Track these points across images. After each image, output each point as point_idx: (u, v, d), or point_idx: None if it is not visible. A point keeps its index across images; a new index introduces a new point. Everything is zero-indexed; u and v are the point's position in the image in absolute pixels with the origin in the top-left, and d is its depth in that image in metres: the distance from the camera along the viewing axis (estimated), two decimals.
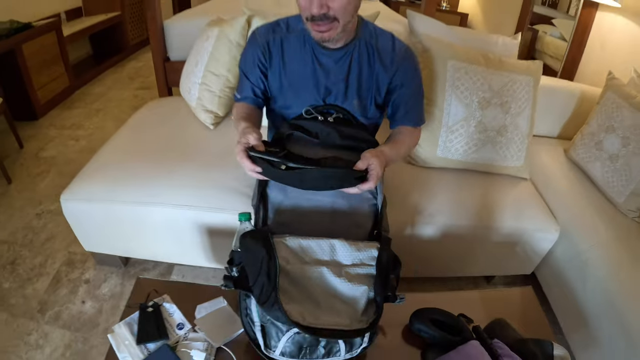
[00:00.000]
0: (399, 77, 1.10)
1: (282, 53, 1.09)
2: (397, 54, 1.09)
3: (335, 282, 0.90)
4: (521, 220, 1.50)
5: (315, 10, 0.91)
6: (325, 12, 0.92)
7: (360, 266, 0.92)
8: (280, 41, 1.09)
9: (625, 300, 1.21)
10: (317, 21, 0.93)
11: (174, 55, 2.55)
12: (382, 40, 1.10)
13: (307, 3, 0.92)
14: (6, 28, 2.66)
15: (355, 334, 0.85)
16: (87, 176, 1.51)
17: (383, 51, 1.09)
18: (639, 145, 1.45)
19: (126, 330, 0.95)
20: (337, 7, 0.92)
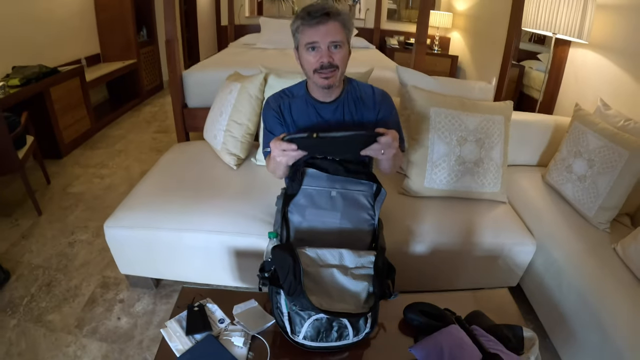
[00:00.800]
0: (382, 114, 1.40)
1: (291, 113, 1.40)
2: (377, 97, 1.40)
3: (343, 280, 1.16)
4: (500, 236, 1.74)
5: (325, 60, 1.23)
6: (331, 62, 1.23)
7: (361, 268, 1.19)
8: (289, 105, 1.40)
9: (596, 297, 1.41)
10: (324, 70, 1.25)
11: (191, 102, 2.87)
12: (363, 89, 1.41)
13: (317, 57, 1.24)
14: (36, 72, 2.96)
15: (360, 315, 1.10)
16: (128, 206, 1.75)
17: (366, 98, 1.40)
18: (603, 166, 1.68)
19: (177, 325, 1.18)
20: (338, 58, 1.25)
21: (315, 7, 1.22)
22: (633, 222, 1.81)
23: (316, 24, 1.21)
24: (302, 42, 1.26)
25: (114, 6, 4.40)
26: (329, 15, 1.21)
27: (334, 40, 1.23)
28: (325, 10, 1.21)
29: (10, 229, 2.32)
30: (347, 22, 1.26)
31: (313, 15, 1.21)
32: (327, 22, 1.22)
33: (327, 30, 1.22)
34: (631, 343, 1.24)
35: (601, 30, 2.34)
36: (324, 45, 1.22)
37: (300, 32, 1.26)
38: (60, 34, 3.79)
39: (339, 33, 1.24)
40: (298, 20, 1.26)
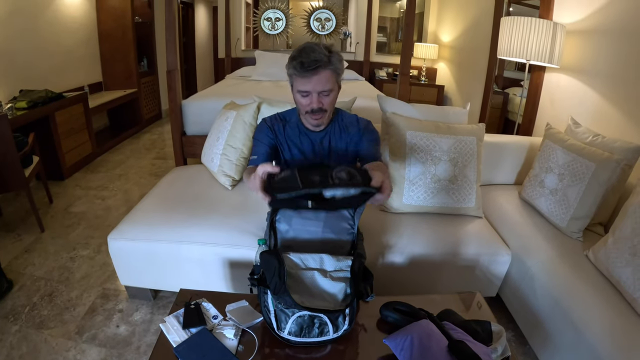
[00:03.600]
0: (365, 138, 1.54)
1: (285, 136, 1.55)
2: (360, 126, 1.56)
3: (322, 281, 1.30)
4: (476, 248, 1.88)
5: (315, 106, 1.39)
6: (320, 107, 1.40)
7: (339, 271, 1.33)
8: (282, 128, 1.55)
9: (569, 300, 1.53)
10: (314, 113, 1.41)
11: (189, 130, 3.03)
12: (349, 119, 1.57)
13: (309, 102, 1.39)
14: (42, 96, 3.13)
15: (337, 312, 1.23)
16: (130, 221, 1.89)
17: (350, 127, 1.55)
18: (572, 178, 1.84)
19: (174, 320, 1.30)
20: (327, 103, 1.41)
21: (308, 58, 1.32)
22: (606, 231, 1.91)
23: (309, 75, 1.34)
24: (295, 87, 1.41)
25: (116, 37, 4.65)
26: (320, 66, 1.33)
27: (324, 89, 1.37)
28: (317, 63, 1.32)
29: (13, 243, 2.44)
30: (337, 68, 1.38)
31: (305, 68, 1.32)
32: (318, 72, 1.34)
33: (318, 80, 1.35)
34: (604, 339, 1.33)
35: (571, 54, 2.56)
36: (314, 93, 1.37)
37: (293, 79, 1.39)
38: (66, 62, 4.01)
39: (329, 81, 1.37)
40: (291, 69, 1.36)
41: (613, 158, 1.74)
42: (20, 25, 3.37)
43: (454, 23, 4.96)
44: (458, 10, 4.87)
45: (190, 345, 1.20)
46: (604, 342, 1.33)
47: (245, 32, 6.32)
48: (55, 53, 3.83)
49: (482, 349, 1.15)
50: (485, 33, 3.85)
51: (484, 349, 1.16)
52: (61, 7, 3.89)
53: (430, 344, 1.16)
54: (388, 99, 2.17)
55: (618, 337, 1.33)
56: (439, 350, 1.13)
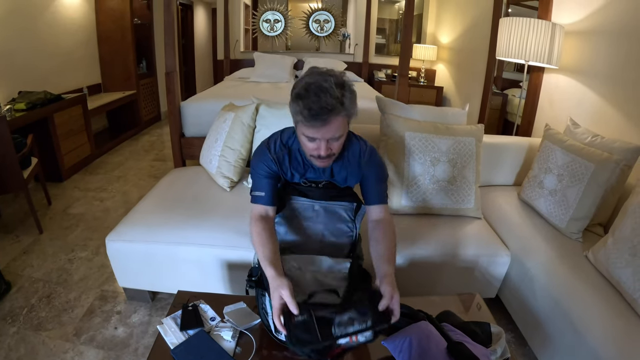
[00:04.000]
0: (366, 174, 1.40)
1: (289, 165, 1.38)
2: (363, 159, 1.38)
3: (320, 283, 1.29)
4: (475, 249, 1.87)
5: (323, 153, 1.22)
6: (328, 153, 1.23)
7: (337, 273, 1.33)
8: (288, 158, 1.38)
9: (568, 300, 1.52)
10: (321, 158, 1.25)
11: (188, 132, 3.03)
12: (351, 148, 1.38)
13: (316, 147, 1.22)
14: (41, 98, 3.13)
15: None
16: (129, 222, 1.88)
17: (352, 158, 1.38)
18: (572, 179, 1.83)
19: (172, 322, 1.29)
20: (336, 148, 1.25)
21: (317, 104, 1.12)
22: (606, 231, 1.89)
23: (318, 125, 1.15)
24: (299, 129, 1.23)
25: (115, 39, 4.65)
26: (331, 114, 1.14)
27: (334, 136, 1.20)
28: (328, 112, 1.13)
29: (11, 245, 2.44)
30: (350, 111, 1.19)
31: (314, 117, 1.13)
32: (329, 121, 1.15)
33: (328, 129, 1.17)
34: (604, 340, 1.33)
35: (570, 54, 2.56)
36: (323, 140, 1.20)
37: (298, 123, 1.21)
38: (65, 63, 4.00)
39: (340, 128, 1.19)
40: (297, 114, 1.17)
41: (612, 158, 1.74)
42: (19, 26, 3.37)
43: (453, 24, 4.96)
44: (457, 11, 4.88)
45: (188, 347, 1.19)
46: (604, 344, 1.32)
47: (244, 34, 6.33)
48: (54, 54, 3.83)
49: (481, 350, 1.15)
50: (484, 34, 3.85)
51: (483, 350, 1.16)
52: (60, 8, 3.89)
53: (429, 346, 1.15)
54: (386, 100, 2.17)
55: (618, 338, 1.32)
56: (438, 352, 1.13)
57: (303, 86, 1.16)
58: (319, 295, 1.24)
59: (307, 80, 1.17)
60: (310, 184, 1.45)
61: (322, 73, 1.19)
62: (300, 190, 1.44)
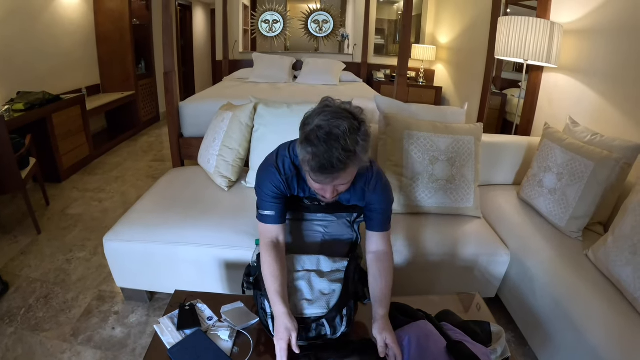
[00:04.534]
0: (371, 202, 1.31)
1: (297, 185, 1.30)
2: (370, 186, 1.28)
3: (318, 282, 1.29)
4: (475, 248, 1.87)
5: (328, 196, 1.15)
6: (335, 195, 1.16)
7: (336, 272, 1.32)
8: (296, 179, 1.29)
9: (569, 299, 1.52)
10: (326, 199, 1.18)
11: (186, 132, 3.02)
12: (358, 177, 1.24)
13: (321, 191, 1.15)
14: (40, 98, 3.12)
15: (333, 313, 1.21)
16: (126, 222, 1.87)
17: (358, 187, 1.28)
18: (571, 178, 1.83)
19: (169, 321, 1.28)
20: (343, 189, 1.16)
21: (326, 161, 1.02)
22: (606, 230, 1.89)
23: (327, 182, 1.09)
24: (307, 175, 1.13)
25: (114, 40, 4.65)
26: (341, 168, 1.04)
27: (343, 182, 1.13)
28: (339, 169, 1.04)
29: (9, 245, 2.43)
30: (363, 160, 1.09)
31: (322, 172, 1.05)
32: (338, 176, 1.07)
33: (336, 180, 1.09)
34: (604, 339, 1.32)
35: (569, 53, 2.55)
36: (330, 186, 1.13)
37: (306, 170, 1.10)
38: (64, 64, 4.00)
39: (349, 175, 1.11)
40: (305, 164, 1.07)
41: (612, 157, 1.73)
42: (18, 27, 3.36)
43: (452, 24, 4.96)
44: (455, 11, 4.87)
45: (185, 347, 1.18)
46: (605, 343, 1.32)
47: (243, 35, 6.33)
48: (53, 55, 3.82)
49: (481, 349, 1.14)
50: (483, 34, 3.84)
51: (483, 349, 1.15)
52: (59, 9, 3.89)
53: (428, 345, 1.15)
54: (385, 99, 2.16)
55: (619, 337, 1.31)
56: (438, 351, 1.12)
57: (313, 130, 1.05)
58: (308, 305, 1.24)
59: (318, 123, 1.05)
60: (314, 202, 1.40)
61: (335, 112, 1.06)
62: (302, 205, 1.41)
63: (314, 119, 1.07)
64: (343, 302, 1.24)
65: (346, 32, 6.38)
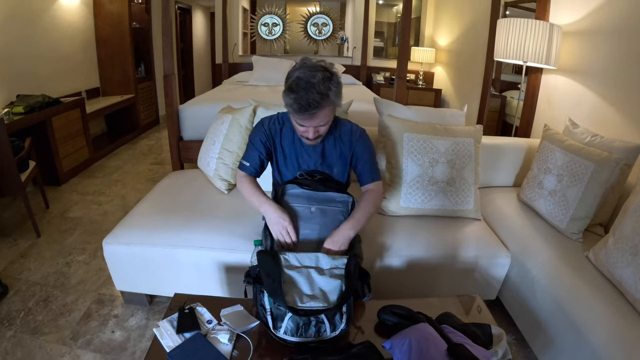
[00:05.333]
0: (357, 151, 1.57)
1: (281, 139, 1.57)
2: (354, 136, 1.56)
3: (318, 278, 1.28)
4: (475, 250, 1.86)
5: (311, 136, 1.41)
6: (317, 136, 1.42)
7: (335, 269, 1.31)
8: (279, 131, 1.57)
9: (569, 301, 1.51)
10: (310, 140, 1.44)
11: (186, 135, 3.03)
12: (343, 128, 1.57)
13: (305, 132, 1.41)
14: (39, 102, 3.12)
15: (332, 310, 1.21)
16: (126, 225, 1.87)
17: (344, 135, 1.56)
18: (571, 179, 1.82)
19: (168, 325, 1.28)
20: (323, 130, 1.42)
21: (305, 100, 1.29)
22: (606, 231, 1.89)
23: (306, 117, 1.34)
24: (291, 116, 1.42)
25: (114, 43, 4.65)
26: (318, 108, 1.31)
27: (321, 123, 1.39)
28: (314, 107, 1.30)
29: (9, 248, 2.42)
30: (335, 102, 1.37)
31: (302, 110, 1.31)
32: (317, 114, 1.33)
33: (315, 119, 1.36)
34: (606, 341, 1.32)
35: (568, 55, 2.56)
36: (311, 127, 1.39)
37: (289, 112, 1.40)
38: (63, 67, 4.00)
39: (326, 117, 1.38)
40: (288, 106, 1.35)
41: (612, 157, 1.73)
42: (17, 30, 3.37)
43: (451, 27, 4.97)
44: (454, 14, 4.88)
45: (184, 350, 1.18)
46: (606, 344, 1.31)
47: (242, 38, 6.34)
48: (52, 58, 3.83)
49: (482, 352, 1.14)
50: (482, 36, 3.85)
51: (484, 352, 1.15)
52: (59, 12, 3.89)
53: (429, 347, 1.14)
54: (384, 101, 2.16)
55: (620, 338, 1.31)
56: (438, 354, 1.12)
57: (294, 80, 1.32)
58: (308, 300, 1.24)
59: (298, 75, 1.32)
60: (305, 177, 1.53)
61: (312, 67, 1.33)
62: (295, 181, 1.52)
63: (295, 72, 1.34)
64: (344, 298, 1.24)
65: (345, 35, 6.39)
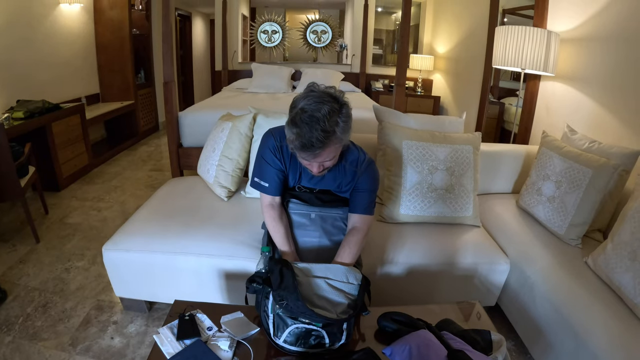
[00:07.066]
0: (360, 183, 1.45)
1: (288, 157, 1.44)
2: (359, 168, 1.43)
3: (326, 290, 1.28)
4: (474, 257, 1.86)
5: (315, 171, 1.31)
6: (321, 170, 1.32)
7: (344, 283, 1.30)
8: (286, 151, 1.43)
9: (568, 306, 1.51)
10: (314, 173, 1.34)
11: (186, 142, 3.03)
12: (350, 157, 1.44)
13: (309, 165, 1.30)
14: (39, 107, 3.13)
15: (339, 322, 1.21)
16: (125, 231, 1.87)
17: (349, 167, 1.43)
18: (570, 185, 1.83)
19: (168, 331, 1.28)
20: (329, 165, 1.31)
21: (309, 140, 1.17)
22: (605, 237, 1.89)
23: (309, 158, 1.25)
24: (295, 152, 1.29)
25: (114, 49, 4.67)
26: (321, 149, 1.20)
27: (326, 160, 1.28)
28: (318, 148, 1.19)
29: (8, 254, 2.42)
30: (342, 139, 1.24)
31: (305, 150, 1.20)
32: (320, 154, 1.22)
33: (319, 157, 1.25)
34: (605, 346, 1.32)
35: (566, 62, 2.57)
36: (316, 163, 1.28)
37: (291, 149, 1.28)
38: (63, 73, 4.02)
39: (331, 153, 1.26)
40: (291, 143, 1.23)
41: (610, 164, 1.74)
42: (18, 35, 3.38)
43: (449, 34, 5.00)
44: (453, 21, 4.92)
45: (184, 357, 1.18)
46: (606, 350, 1.31)
47: (242, 45, 6.37)
48: (53, 64, 3.84)
49: (481, 358, 1.14)
50: (480, 43, 3.88)
51: (484, 358, 1.15)
52: (59, 18, 3.91)
53: (429, 354, 1.15)
54: (383, 109, 2.17)
55: (620, 343, 1.31)
56: None
57: (297, 112, 1.20)
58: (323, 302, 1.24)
59: (303, 106, 1.20)
60: (305, 190, 1.51)
61: (318, 98, 1.20)
62: (294, 194, 1.50)
63: (300, 102, 1.22)
64: (348, 315, 1.23)
65: (344, 43, 6.43)
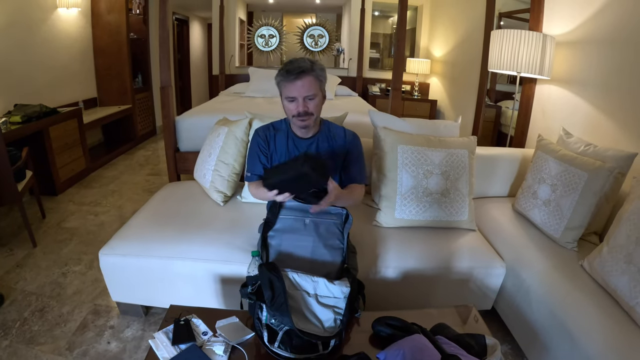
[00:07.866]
0: (351, 151, 1.70)
1: (275, 144, 1.68)
2: (348, 137, 1.71)
3: (315, 305, 1.30)
4: (470, 261, 1.87)
5: (301, 109, 1.52)
6: (306, 110, 1.52)
7: (331, 298, 1.32)
8: (274, 136, 1.69)
9: (564, 309, 1.52)
10: (301, 116, 1.53)
11: (183, 146, 3.03)
12: (336, 130, 1.72)
13: (295, 106, 1.53)
14: (37, 111, 3.13)
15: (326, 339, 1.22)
16: (122, 236, 1.88)
17: (337, 137, 1.70)
18: (565, 189, 1.84)
19: (164, 336, 1.28)
20: (312, 107, 1.54)
21: (293, 66, 1.49)
22: (601, 240, 1.88)
23: (293, 79, 1.49)
24: (283, 95, 1.55)
25: (112, 53, 4.68)
26: (303, 72, 1.48)
27: (309, 94, 1.51)
28: (301, 69, 1.48)
29: (5, 258, 2.42)
30: (319, 75, 1.54)
31: (290, 73, 1.48)
32: (302, 77, 1.49)
33: (302, 85, 1.49)
34: (601, 349, 1.32)
35: (562, 65, 2.59)
36: (300, 98, 1.51)
37: (282, 86, 1.54)
38: (61, 77, 4.02)
39: (312, 86, 1.52)
40: (279, 77, 1.52)
41: (605, 166, 1.75)
42: (15, 40, 3.39)
43: (446, 38, 5.03)
44: (449, 25, 4.95)
45: None
46: (602, 353, 1.32)
47: (239, 49, 6.39)
48: (50, 68, 3.85)
49: None
50: (477, 47, 3.90)
51: None
52: (57, 22, 3.92)
53: (423, 358, 1.15)
54: (379, 113, 2.18)
55: (616, 346, 1.32)
56: None
57: (285, 65, 1.53)
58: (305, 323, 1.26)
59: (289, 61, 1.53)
60: None
61: (300, 59, 1.53)
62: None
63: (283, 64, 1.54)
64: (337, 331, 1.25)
65: (341, 47, 6.45)
